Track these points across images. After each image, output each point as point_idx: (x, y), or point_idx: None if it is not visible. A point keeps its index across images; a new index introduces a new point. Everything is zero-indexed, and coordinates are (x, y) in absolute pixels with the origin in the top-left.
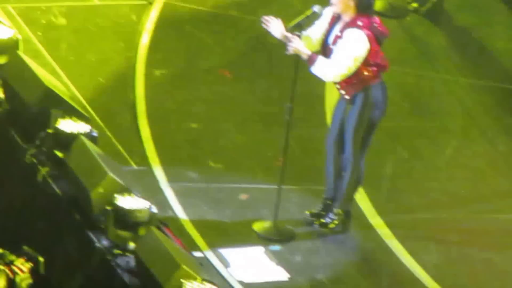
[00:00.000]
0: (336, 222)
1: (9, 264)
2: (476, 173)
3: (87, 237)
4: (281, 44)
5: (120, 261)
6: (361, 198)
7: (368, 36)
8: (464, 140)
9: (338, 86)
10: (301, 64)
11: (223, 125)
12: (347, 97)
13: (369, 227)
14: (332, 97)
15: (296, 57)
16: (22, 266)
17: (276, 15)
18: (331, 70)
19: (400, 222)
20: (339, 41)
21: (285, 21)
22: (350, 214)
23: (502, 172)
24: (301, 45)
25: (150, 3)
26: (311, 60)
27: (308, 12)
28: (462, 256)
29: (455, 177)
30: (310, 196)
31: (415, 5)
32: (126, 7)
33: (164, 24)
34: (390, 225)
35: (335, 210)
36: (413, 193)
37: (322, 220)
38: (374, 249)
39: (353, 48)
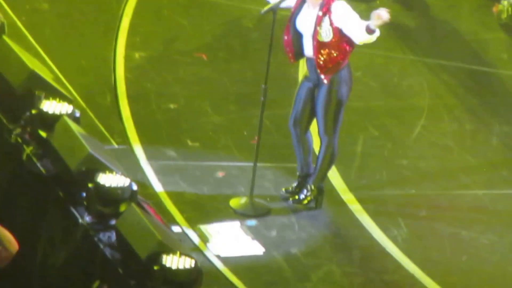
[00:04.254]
0: (309, 198)
1: None
2: (443, 151)
3: (70, 214)
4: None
5: (102, 236)
6: (333, 175)
7: None
8: (432, 119)
9: (319, 71)
10: (274, 48)
11: (201, 105)
12: (325, 81)
13: (341, 203)
14: None
15: (271, 39)
16: None
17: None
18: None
19: (370, 198)
20: (338, 17)
21: (259, 5)
22: (323, 191)
23: (468, 149)
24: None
25: None
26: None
27: None
28: (431, 231)
29: (424, 155)
30: (284, 173)
31: None
32: None
33: (143, 8)
34: (361, 201)
35: (309, 186)
36: (383, 170)
37: (296, 197)
38: (346, 224)
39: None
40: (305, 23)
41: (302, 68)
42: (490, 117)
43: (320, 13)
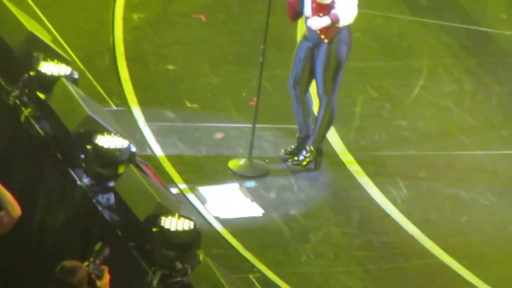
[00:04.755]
0: (308, 159)
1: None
2: (443, 111)
3: (69, 176)
4: None
5: (101, 198)
6: (332, 136)
7: None
8: (431, 80)
9: (319, 31)
10: (273, 9)
11: (199, 66)
12: (326, 40)
13: (340, 164)
14: None
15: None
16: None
17: None
18: (351, 15)
19: (370, 159)
20: None
21: None
22: (322, 152)
23: (468, 110)
24: (320, 21)
25: None
26: (335, 21)
27: None
28: (430, 192)
29: (423, 115)
30: (283, 134)
31: None
32: None
33: None
34: (360, 162)
35: (308, 147)
36: (382, 131)
37: (295, 158)
38: (345, 185)
39: None
40: None
41: (301, 29)
42: (489, 77)
43: None
